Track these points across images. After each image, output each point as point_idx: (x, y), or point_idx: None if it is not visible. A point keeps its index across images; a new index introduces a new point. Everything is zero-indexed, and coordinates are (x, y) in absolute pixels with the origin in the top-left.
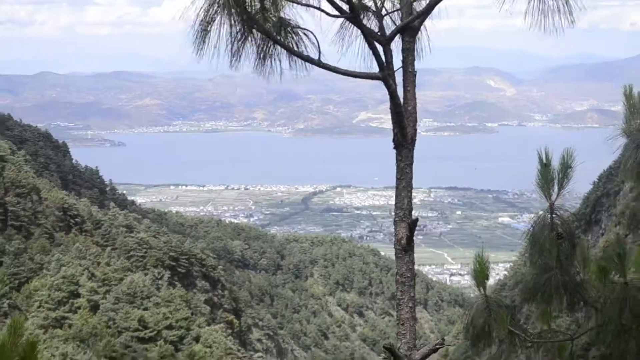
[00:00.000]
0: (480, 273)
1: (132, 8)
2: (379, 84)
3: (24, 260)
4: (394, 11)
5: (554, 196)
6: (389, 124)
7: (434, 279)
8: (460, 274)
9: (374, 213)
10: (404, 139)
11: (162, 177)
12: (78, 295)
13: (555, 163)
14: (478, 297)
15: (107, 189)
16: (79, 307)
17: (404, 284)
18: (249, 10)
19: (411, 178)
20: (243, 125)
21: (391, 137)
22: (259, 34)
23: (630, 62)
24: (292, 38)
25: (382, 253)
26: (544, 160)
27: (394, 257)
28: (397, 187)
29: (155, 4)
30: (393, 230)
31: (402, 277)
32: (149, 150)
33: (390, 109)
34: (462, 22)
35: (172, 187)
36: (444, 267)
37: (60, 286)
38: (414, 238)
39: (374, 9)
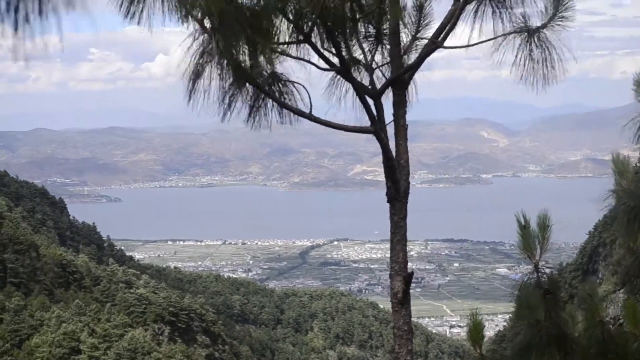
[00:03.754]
0: (475, 332)
1: (125, 64)
2: (373, 137)
3: (24, 317)
4: (384, 64)
5: (537, 256)
6: (383, 177)
7: (434, 331)
8: (459, 326)
9: (372, 266)
10: (397, 192)
11: (160, 232)
12: (79, 352)
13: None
14: (475, 358)
15: (105, 244)
16: None
17: (402, 337)
18: (241, 64)
19: (405, 231)
20: (239, 179)
21: (386, 189)
22: (251, 87)
23: (621, 111)
24: (284, 92)
25: (381, 306)
26: (523, 223)
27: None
28: (391, 241)
29: (148, 59)
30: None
31: (400, 331)
32: (146, 206)
33: (383, 162)
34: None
35: (170, 243)
36: (444, 319)
37: (61, 342)
38: (411, 291)
39: (364, 62)
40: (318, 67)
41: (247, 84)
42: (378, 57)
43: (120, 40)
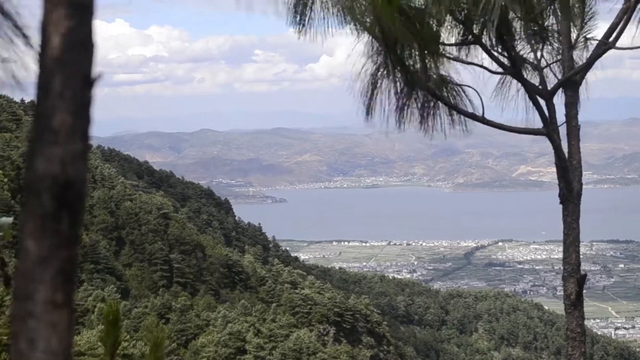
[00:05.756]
0: None
1: (290, 65)
2: (538, 137)
3: (191, 317)
4: (551, 63)
5: None
6: (548, 178)
7: (599, 333)
8: (625, 328)
9: (537, 267)
10: (570, 193)
11: (325, 233)
12: (245, 352)
13: None
14: None
15: (271, 245)
16: None
17: (575, 340)
18: (412, 70)
19: (578, 233)
20: (403, 180)
21: (551, 190)
22: (421, 93)
23: None
24: (454, 95)
25: (546, 307)
26: None
27: (558, 312)
28: (564, 242)
29: (312, 60)
30: (556, 284)
31: (573, 333)
32: (311, 207)
33: (556, 163)
34: (617, 73)
35: (334, 243)
36: (609, 320)
37: (227, 342)
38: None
39: (532, 62)
40: (489, 71)
41: (419, 89)
42: (547, 57)
43: (284, 41)
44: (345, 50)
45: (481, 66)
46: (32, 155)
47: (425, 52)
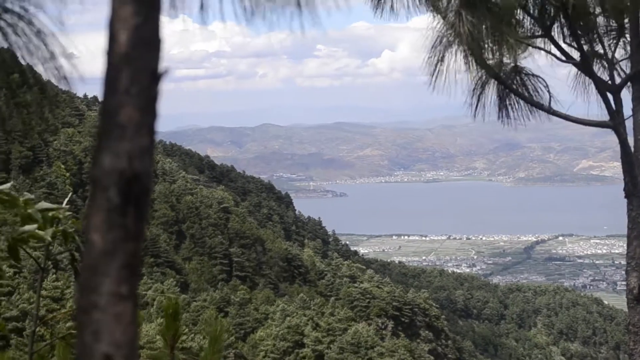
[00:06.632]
0: None
1: (352, 60)
2: (600, 131)
3: (249, 311)
4: (624, 59)
5: None
6: (610, 172)
7: None
8: None
9: (597, 262)
10: (635, 188)
11: (385, 227)
12: (303, 345)
13: None
14: None
15: (330, 239)
16: (304, 357)
17: (637, 334)
18: (487, 60)
19: None
20: (464, 174)
21: (612, 185)
22: (495, 83)
23: None
24: (526, 85)
25: (606, 302)
26: None
27: (617, 306)
28: (628, 237)
29: (374, 54)
30: (616, 279)
31: (635, 327)
32: (371, 201)
33: (621, 157)
34: None
35: (394, 237)
36: None
37: (285, 336)
38: None
39: (605, 56)
40: (559, 59)
41: (490, 79)
42: (620, 52)
43: (347, 36)
44: (407, 45)
45: (554, 55)
46: (99, 150)
47: (501, 38)
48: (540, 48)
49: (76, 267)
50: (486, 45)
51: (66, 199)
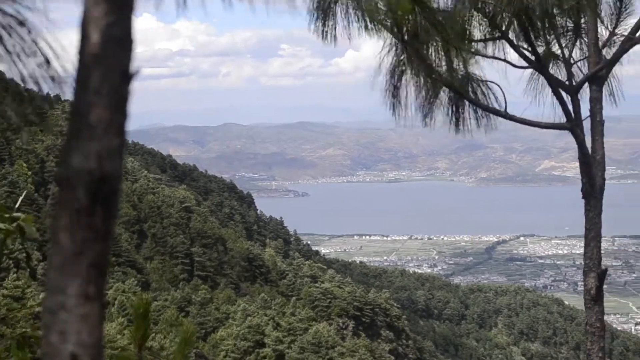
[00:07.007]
0: None
1: (315, 59)
2: (562, 132)
3: (210, 310)
4: (581, 59)
5: None
6: (571, 172)
7: (619, 328)
8: None
9: (558, 262)
10: (592, 188)
11: (346, 227)
12: (264, 345)
13: None
14: None
15: (292, 239)
16: (264, 357)
17: (594, 334)
18: (436, 68)
19: (600, 228)
20: (426, 174)
21: (574, 185)
22: (447, 90)
23: None
24: (479, 92)
25: (567, 302)
26: None
27: (578, 307)
28: (585, 237)
29: (338, 54)
30: (577, 279)
31: (592, 327)
32: (333, 201)
33: (579, 158)
34: None
35: (355, 237)
36: (629, 316)
37: (246, 336)
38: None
39: (562, 57)
40: (513, 65)
41: (443, 87)
42: (577, 53)
43: (311, 36)
44: (371, 45)
45: (506, 61)
46: (68, 149)
47: (451, 47)
48: (493, 57)
49: (30, 265)
50: (436, 56)
51: (20, 198)
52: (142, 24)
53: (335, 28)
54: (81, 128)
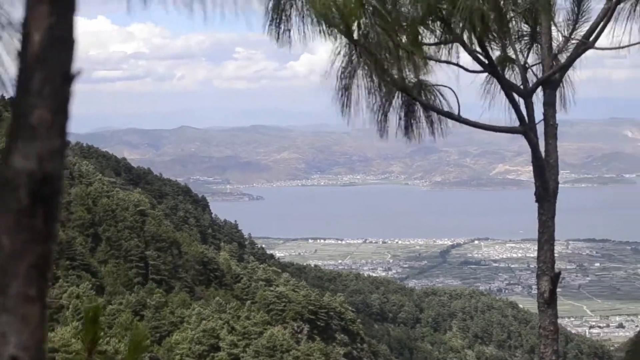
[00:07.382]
0: None
1: (270, 62)
2: (516, 136)
3: (165, 314)
4: (535, 64)
5: None
6: (526, 176)
7: (573, 331)
8: (599, 327)
9: (512, 266)
10: (546, 192)
11: (301, 231)
12: (218, 349)
13: None
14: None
15: (246, 242)
16: None
17: (547, 338)
18: (390, 73)
19: (553, 231)
20: (381, 178)
21: (528, 189)
22: (400, 94)
23: None
24: (431, 95)
25: (521, 306)
26: None
27: (532, 310)
28: (539, 240)
29: (292, 58)
30: (531, 283)
31: (545, 331)
32: (288, 204)
33: (532, 162)
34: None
35: (310, 241)
36: (583, 319)
37: (200, 339)
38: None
39: (517, 61)
40: (466, 70)
41: (397, 92)
42: (533, 57)
43: (266, 39)
44: (326, 49)
45: (459, 66)
46: (9, 150)
47: (404, 52)
48: (447, 62)
49: None
50: (390, 61)
51: None
52: (96, 26)
53: (289, 31)
54: (22, 129)
